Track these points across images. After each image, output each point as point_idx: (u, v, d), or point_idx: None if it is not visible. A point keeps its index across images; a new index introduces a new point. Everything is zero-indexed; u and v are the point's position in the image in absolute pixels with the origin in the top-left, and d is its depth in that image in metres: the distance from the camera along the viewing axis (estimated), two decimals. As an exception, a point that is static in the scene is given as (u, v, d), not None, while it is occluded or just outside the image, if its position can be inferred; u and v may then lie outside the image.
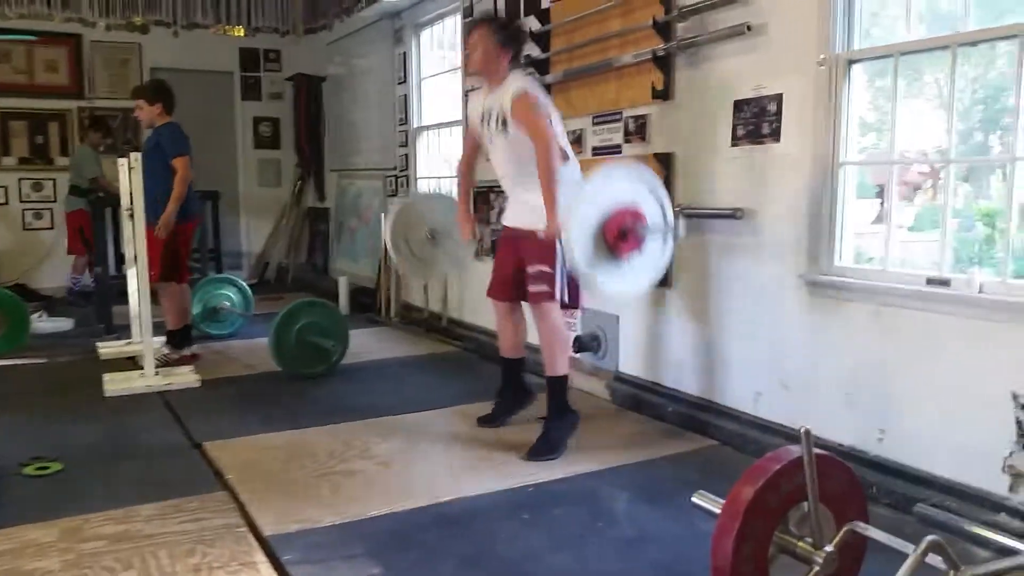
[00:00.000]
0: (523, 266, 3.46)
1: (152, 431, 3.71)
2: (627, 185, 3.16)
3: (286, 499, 2.87)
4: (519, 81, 3.36)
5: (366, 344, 5.47)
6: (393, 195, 6.82)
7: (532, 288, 3.39)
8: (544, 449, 3.31)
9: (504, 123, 3.36)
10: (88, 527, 2.60)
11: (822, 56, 3.10)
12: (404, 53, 6.56)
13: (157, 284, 4.79)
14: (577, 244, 3.01)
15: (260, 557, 2.39)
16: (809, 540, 1.94)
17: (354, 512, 2.76)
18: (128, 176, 4.64)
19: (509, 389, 3.77)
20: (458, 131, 5.84)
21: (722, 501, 2.13)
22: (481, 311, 3.70)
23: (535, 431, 3.45)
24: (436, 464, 3.28)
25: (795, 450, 2.00)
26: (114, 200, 5.72)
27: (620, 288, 3.19)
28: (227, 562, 2.36)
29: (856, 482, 2.10)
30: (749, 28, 3.33)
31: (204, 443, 3.46)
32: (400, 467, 3.24)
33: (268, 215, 8.67)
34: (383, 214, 6.65)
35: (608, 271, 3.11)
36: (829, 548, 1.91)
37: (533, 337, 3.61)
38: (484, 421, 3.77)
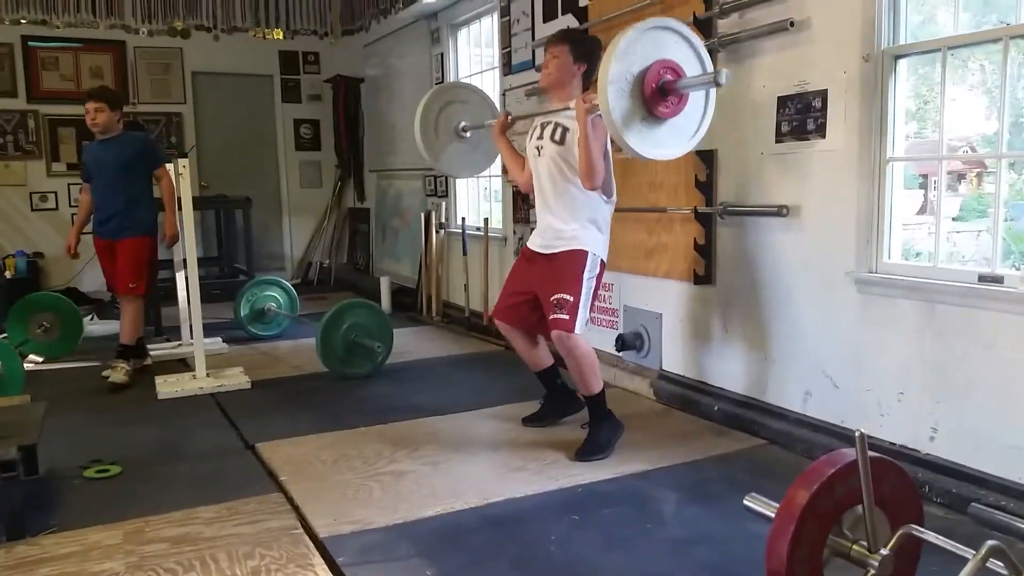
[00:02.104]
0: (533, 296, 3.43)
1: (206, 433, 3.80)
2: (659, 36, 2.88)
3: (338, 500, 2.92)
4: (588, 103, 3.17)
5: (410, 344, 5.53)
6: (432, 194, 6.86)
7: (553, 316, 3.27)
8: (593, 449, 3.33)
9: (564, 134, 3.33)
10: (150, 529, 2.68)
11: (867, 52, 3.06)
12: (441, 53, 6.59)
13: (133, 297, 4.72)
14: (615, 107, 2.73)
15: (317, 559, 2.44)
16: (864, 543, 1.94)
17: (405, 513, 2.80)
18: (177, 180, 4.74)
19: (554, 394, 3.79)
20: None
21: (774, 504, 2.14)
22: None
23: (582, 433, 3.47)
24: (484, 464, 3.31)
25: (849, 453, 2.00)
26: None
27: (663, 153, 2.91)
28: (285, 564, 2.41)
29: (911, 484, 2.09)
30: (792, 24, 3.31)
31: (257, 444, 3.54)
32: (448, 467, 3.27)
33: (311, 216, 8.79)
34: (422, 213, 6.72)
35: (648, 135, 2.85)
36: (884, 551, 1.90)
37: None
38: (530, 420, 3.80)
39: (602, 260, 3.41)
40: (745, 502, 2.23)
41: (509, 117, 3.75)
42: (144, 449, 3.56)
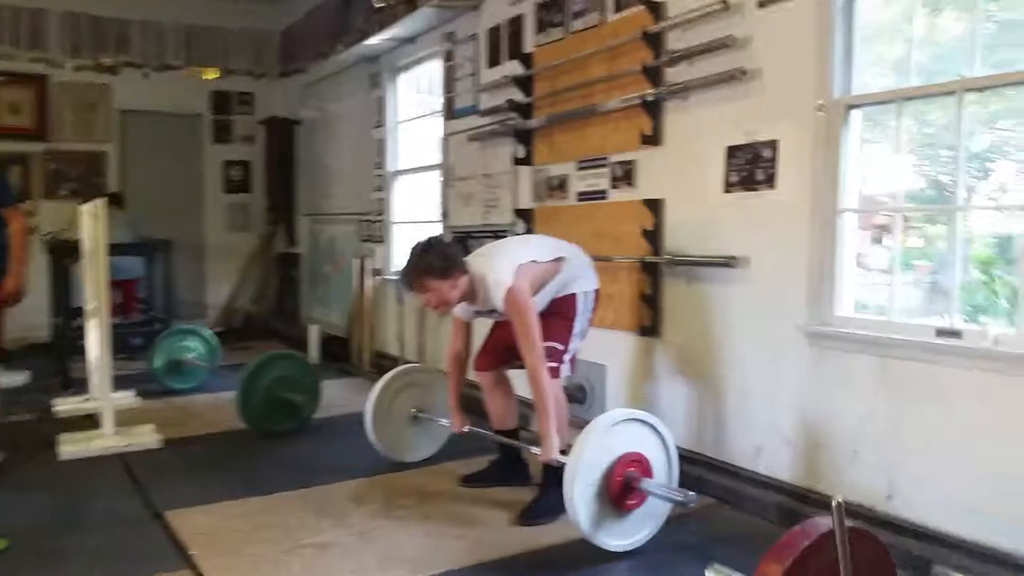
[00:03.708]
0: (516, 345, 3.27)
1: (109, 499, 3.44)
2: (630, 429, 2.87)
3: (254, 576, 2.63)
4: (492, 273, 3.10)
5: (339, 396, 5.23)
6: (368, 239, 6.63)
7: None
8: (541, 511, 3.11)
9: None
10: (33, 614, 2.34)
11: (820, 101, 2.99)
12: (381, 97, 6.43)
13: None
14: (579, 505, 2.71)
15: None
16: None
17: (330, 590, 2.52)
18: (92, 223, 4.42)
19: (503, 460, 3.59)
20: (435, 175, 5.70)
21: (738, 575, 1.97)
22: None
23: (524, 494, 3.25)
24: (418, 531, 3.05)
25: (822, 523, 1.83)
26: (72, 248, 5.45)
27: (621, 544, 2.82)
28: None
29: (886, 555, 1.93)
30: (744, 73, 3.23)
31: (165, 512, 3.20)
32: (378, 535, 3.00)
33: (236, 261, 8.41)
34: (355, 259, 6.48)
35: (616, 528, 2.81)
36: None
37: (523, 390, 3.43)
38: (471, 480, 3.56)
39: (596, 290, 3.39)
40: (707, 574, 2.04)
41: (466, 428, 3.57)
42: (38, 518, 3.18)
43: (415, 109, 6.22)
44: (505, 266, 3.12)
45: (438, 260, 3.11)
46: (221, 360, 5.74)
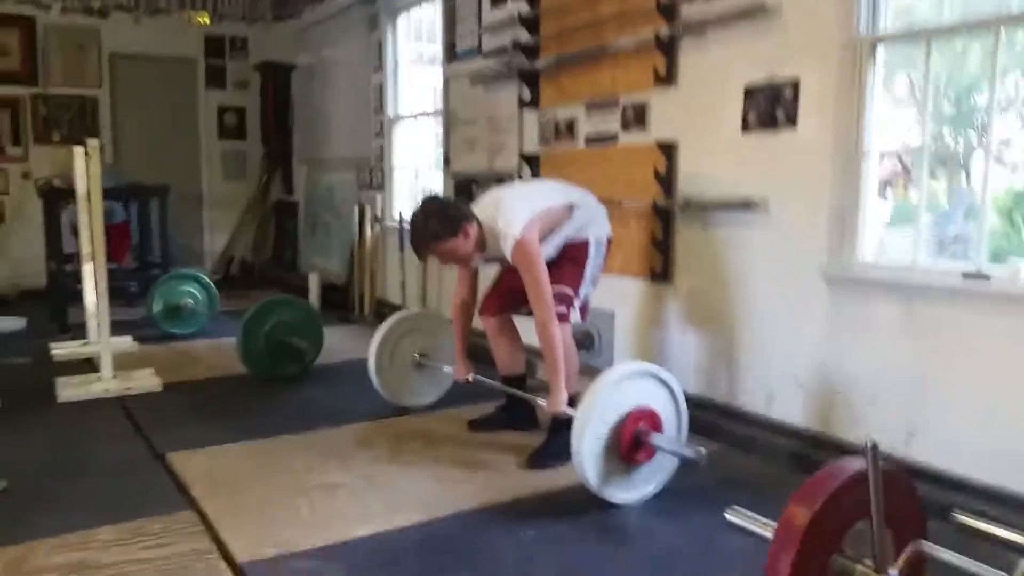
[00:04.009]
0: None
1: (110, 442, 3.38)
2: (641, 383, 2.78)
3: (260, 519, 2.57)
4: (501, 222, 2.99)
5: (341, 344, 5.15)
6: (367, 187, 6.51)
7: None
8: (549, 454, 3.05)
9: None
10: (35, 557, 2.28)
11: (845, 38, 2.88)
12: (379, 40, 6.25)
13: None
14: (587, 459, 2.64)
15: (235, 587, 2.10)
16: (869, 562, 1.71)
17: (336, 533, 2.47)
18: (86, 164, 4.29)
19: (510, 406, 3.52)
20: (436, 121, 5.56)
21: (758, 518, 1.92)
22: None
23: (533, 439, 3.20)
24: (425, 475, 3.00)
25: (853, 464, 1.77)
26: (68, 191, 5.32)
27: (628, 497, 2.75)
28: (197, 594, 2.06)
29: (916, 496, 1.88)
30: (764, 8, 3.11)
31: (167, 455, 3.14)
32: (385, 479, 2.95)
33: (233, 209, 8.28)
34: (356, 205, 6.36)
35: (620, 482, 2.73)
36: (893, 572, 1.68)
37: (530, 339, 3.35)
38: (477, 425, 3.51)
39: (608, 239, 3.30)
40: (728, 517, 1.98)
41: (471, 377, 3.44)
42: (37, 461, 3.12)
43: (415, 53, 6.05)
44: (515, 215, 3.00)
45: (442, 223, 3.00)
46: (220, 306, 5.65)
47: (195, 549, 2.34)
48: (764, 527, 1.86)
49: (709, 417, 3.44)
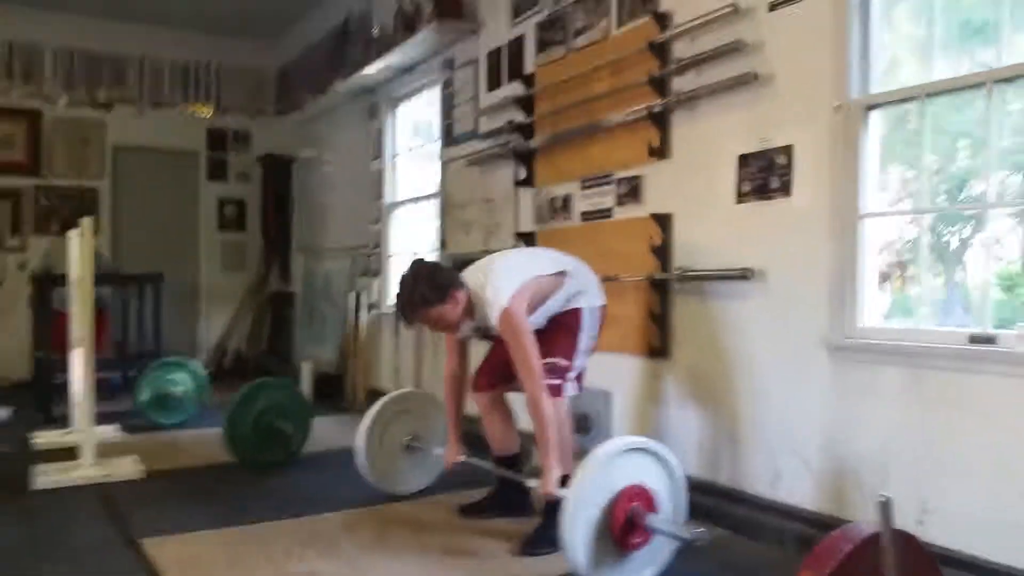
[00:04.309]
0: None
1: (84, 528, 3.20)
2: (635, 459, 2.61)
3: (234, 605, 2.40)
4: (490, 290, 2.91)
5: (331, 433, 4.98)
6: (364, 274, 6.47)
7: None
8: (539, 542, 2.87)
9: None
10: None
11: (837, 103, 2.86)
12: (379, 128, 6.33)
13: None
14: (577, 544, 2.46)
15: None
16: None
17: (316, 620, 2.29)
18: (79, 245, 4.26)
19: (503, 490, 3.35)
20: (434, 204, 5.56)
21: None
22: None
23: (527, 522, 3.02)
24: (412, 562, 2.82)
25: (865, 527, 1.64)
26: (60, 277, 5.28)
27: None
28: None
29: (933, 562, 1.73)
30: (755, 77, 3.11)
31: (141, 540, 2.97)
32: (369, 565, 2.77)
33: (230, 301, 8.23)
34: (350, 293, 6.31)
35: (613, 569, 2.55)
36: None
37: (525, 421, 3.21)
38: (468, 511, 3.33)
39: (602, 307, 3.18)
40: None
41: (462, 458, 3.34)
42: (5, 550, 2.95)
43: (414, 139, 6.12)
44: (503, 283, 2.92)
45: (430, 287, 2.91)
46: (210, 397, 5.52)
47: (158, 637, 2.16)
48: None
49: (712, 501, 3.27)
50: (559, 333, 3.07)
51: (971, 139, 2.68)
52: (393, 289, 5.96)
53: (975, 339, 2.50)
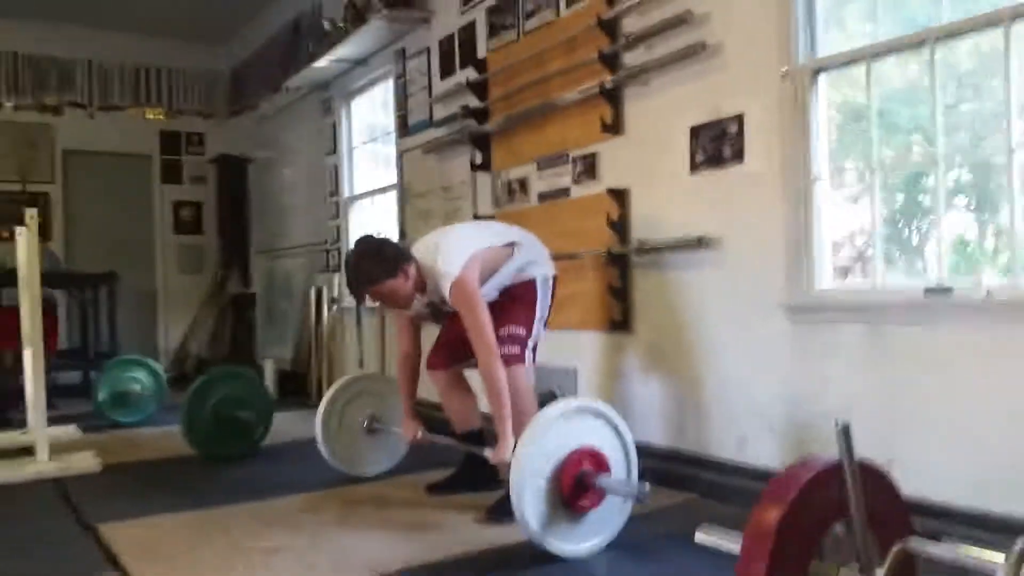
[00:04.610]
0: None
1: (39, 518, 3.13)
2: (586, 422, 2.58)
3: (192, 581, 2.35)
4: (440, 262, 2.88)
5: (294, 426, 4.89)
6: (324, 270, 6.41)
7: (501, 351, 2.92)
8: (506, 509, 2.83)
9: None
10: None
11: (785, 68, 2.91)
12: (333, 123, 6.29)
13: None
14: (528, 502, 2.42)
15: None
16: (855, 566, 1.56)
17: (278, 591, 2.25)
18: (24, 240, 4.16)
19: (468, 465, 3.32)
20: (391, 197, 5.54)
21: (733, 532, 1.76)
22: (427, 385, 3.29)
23: (491, 498, 3.01)
24: (375, 535, 2.79)
25: (825, 458, 1.64)
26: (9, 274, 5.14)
27: (573, 549, 2.50)
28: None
29: (897, 493, 1.74)
30: (704, 47, 3.15)
31: (98, 526, 2.89)
32: (332, 540, 2.73)
33: (189, 304, 8.10)
34: (311, 289, 6.25)
35: (565, 530, 2.49)
36: (880, 572, 1.53)
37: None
38: (437, 489, 3.30)
39: (554, 277, 3.17)
40: (698, 536, 1.83)
41: (419, 434, 3.28)
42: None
43: (369, 132, 6.09)
44: (454, 254, 2.90)
45: (379, 263, 2.88)
46: (170, 397, 5.41)
47: (115, 612, 2.10)
48: (737, 542, 1.69)
49: (679, 468, 3.29)
50: (515, 303, 3.07)
51: (918, 99, 2.72)
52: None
53: (930, 291, 2.54)
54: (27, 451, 4.30)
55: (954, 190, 2.66)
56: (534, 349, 3.13)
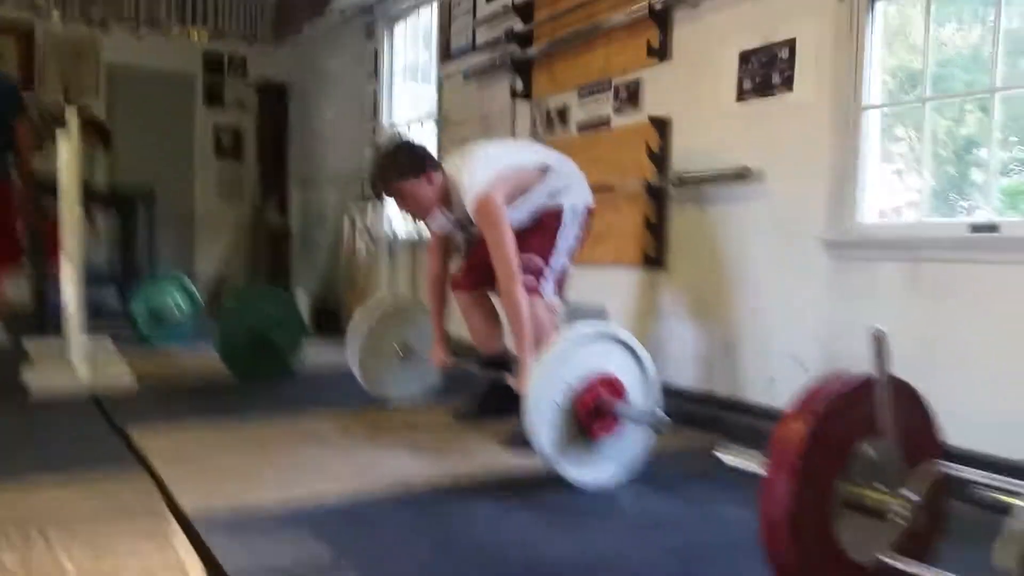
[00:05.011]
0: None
1: (72, 422, 3.19)
2: (602, 347, 2.50)
3: (219, 480, 2.38)
4: (466, 176, 2.84)
5: (326, 354, 4.95)
6: (359, 198, 6.39)
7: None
8: (526, 437, 2.84)
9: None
10: (-37, 504, 2.09)
11: (842, -9, 2.77)
12: (376, 49, 6.21)
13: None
14: (542, 426, 2.39)
15: (177, 535, 1.91)
16: (882, 486, 1.51)
17: (301, 493, 2.27)
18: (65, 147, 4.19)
19: (494, 390, 3.28)
20: (431, 126, 5.47)
21: (753, 452, 1.73)
22: (459, 320, 3.28)
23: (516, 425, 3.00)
24: (403, 452, 2.81)
25: (858, 374, 1.59)
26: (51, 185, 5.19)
27: (588, 475, 2.46)
28: (134, 539, 1.87)
29: (929, 414, 1.69)
30: (759, -33, 3.02)
31: (129, 431, 2.95)
32: (362, 451, 2.77)
33: (225, 230, 8.17)
34: (346, 217, 6.25)
35: (580, 457, 2.46)
36: (910, 493, 1.48)
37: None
38: (462, 415, 3.30)
39: (588, 208, 3.07)
40: (718, 455, 1.81)
41: (448, 359, 3.26)
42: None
43: (411, 57, 6.00)
44: (480, 170, 2.84)
45: (408, 159, 2.88)
46: (204, 316, 5.48)
47: (141, 501, 2.15)
48: (762, 464, 1.66)
49: (710, 410, 3.25)
50: (537, 231, 2.98)
51: (976, 22, 2.59)
52: (390, 214, 5.92)
53: (977, 228, 2.45)
54: (63, 357, 4.42)
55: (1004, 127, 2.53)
56: (560, 282, 3.06)
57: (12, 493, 2.20)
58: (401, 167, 2.84)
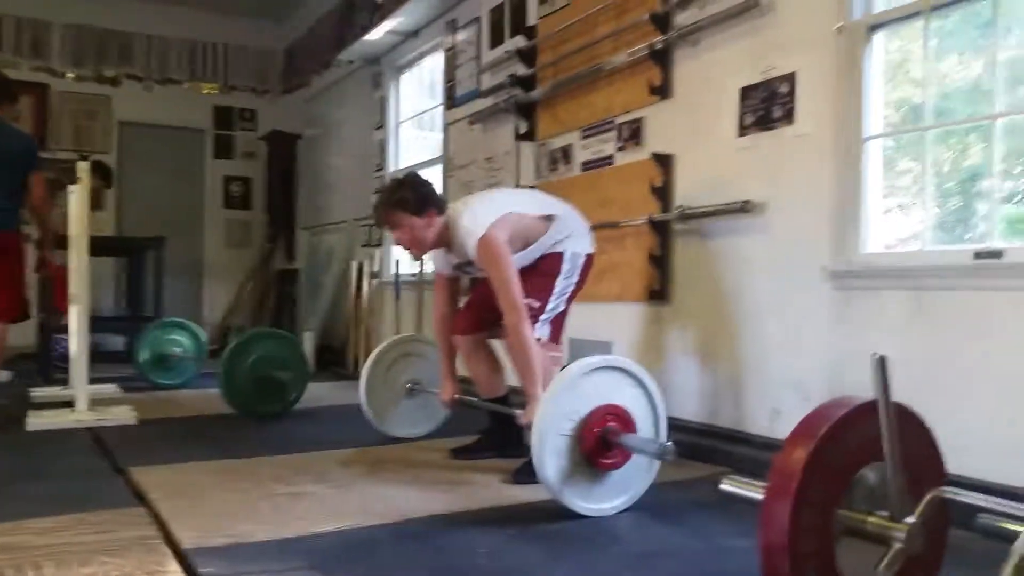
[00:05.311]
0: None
1: (73, 459, 3.17)
2: (610, 378, 2.49)
3: (216, 516, 2.34)
4: (468, 219, 2.85)
5: (331, 394, 4.95)
6: (366, 244, 6.43)
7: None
8: (533, 471, 2.79)
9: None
10: (-42, 537, 2.07)
11: (840, 24, 2.81)
12: (383, 97, 6.31)
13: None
14: (549, 456, 2.36)
15: (173, 567, 1.87)
16: (884, 513, 1.48)
17: (298, 528, 2.24)
18: (77, 196, 4.25)
19: (494, 429, 3.27)
20: (436, 169, 5.52)
21: (758, 483, 1.69)
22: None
23: (518, 462, 2.96)
24: (404, 487, 2.76)
25: (859, 397, 1.57)
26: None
27: (594, 507, 2.42)
28: (130, 572, 1.83)
29: (932, 439, 1.66)
30: (757, 3, 3.06)
31: (129, 467, 2.92)
32: (359, 489, 2.72)
33: (234, 278, 8.22)
34: (351, 263, 6.28)
35: (585, 488, 2.42)
36: (911, 519, 1.45)
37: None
38: (460, 452, 3.26)
39: (588, 256, 3.05)
40: (722, 486, 1.77)
41: (455, 396, 3.25)
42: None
43: (417, 105, 6.09)
44: (481, 212, 2.86)
45: (412, 195, 2.89)
46: (207, 359, 5.49)
47: (138, 536, 2.11)
48: (763, 491, 1.62)
49: (712, 443, 3.21)
50: (535, 274, 2.96)
51: (977, 52, 2.60)
52: (395, 258, 5.94)
53: (981, 255, 2.43)
54: (68, 405, 4.41)
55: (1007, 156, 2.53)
56: (557, 325, 3.03)
57: (9, 529, 2.16)
58: (403, 201, 2.87)
